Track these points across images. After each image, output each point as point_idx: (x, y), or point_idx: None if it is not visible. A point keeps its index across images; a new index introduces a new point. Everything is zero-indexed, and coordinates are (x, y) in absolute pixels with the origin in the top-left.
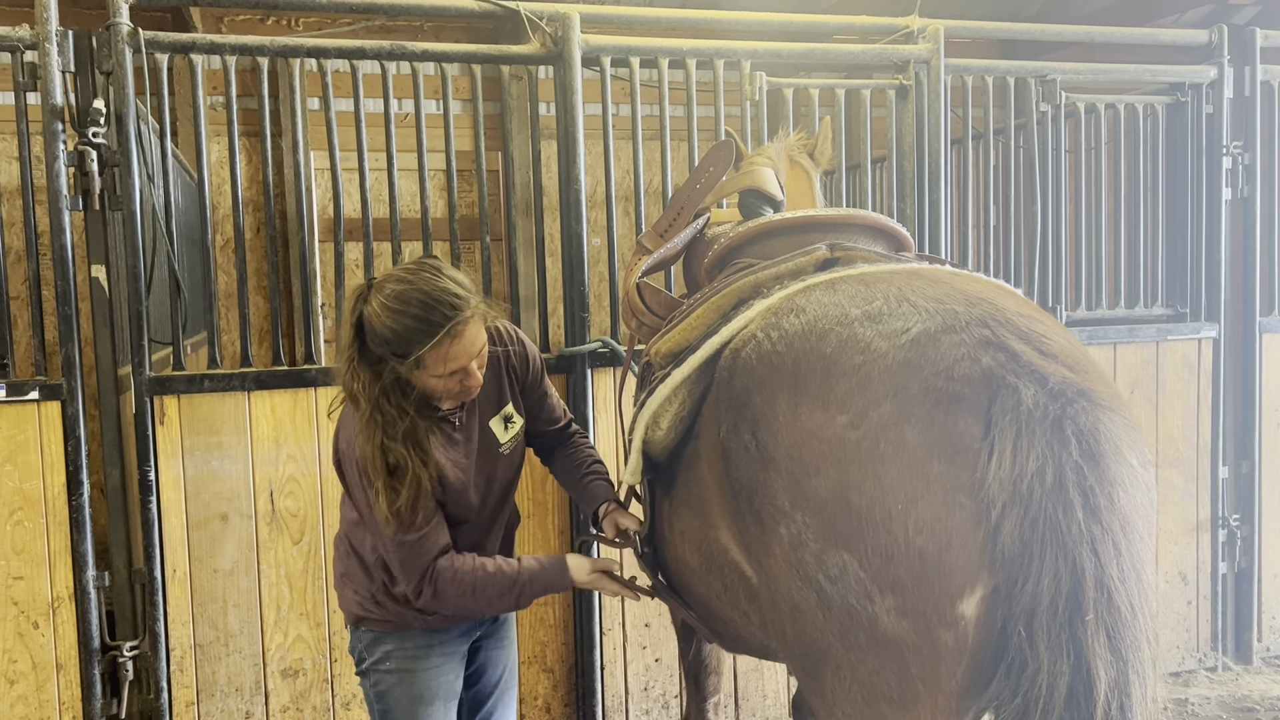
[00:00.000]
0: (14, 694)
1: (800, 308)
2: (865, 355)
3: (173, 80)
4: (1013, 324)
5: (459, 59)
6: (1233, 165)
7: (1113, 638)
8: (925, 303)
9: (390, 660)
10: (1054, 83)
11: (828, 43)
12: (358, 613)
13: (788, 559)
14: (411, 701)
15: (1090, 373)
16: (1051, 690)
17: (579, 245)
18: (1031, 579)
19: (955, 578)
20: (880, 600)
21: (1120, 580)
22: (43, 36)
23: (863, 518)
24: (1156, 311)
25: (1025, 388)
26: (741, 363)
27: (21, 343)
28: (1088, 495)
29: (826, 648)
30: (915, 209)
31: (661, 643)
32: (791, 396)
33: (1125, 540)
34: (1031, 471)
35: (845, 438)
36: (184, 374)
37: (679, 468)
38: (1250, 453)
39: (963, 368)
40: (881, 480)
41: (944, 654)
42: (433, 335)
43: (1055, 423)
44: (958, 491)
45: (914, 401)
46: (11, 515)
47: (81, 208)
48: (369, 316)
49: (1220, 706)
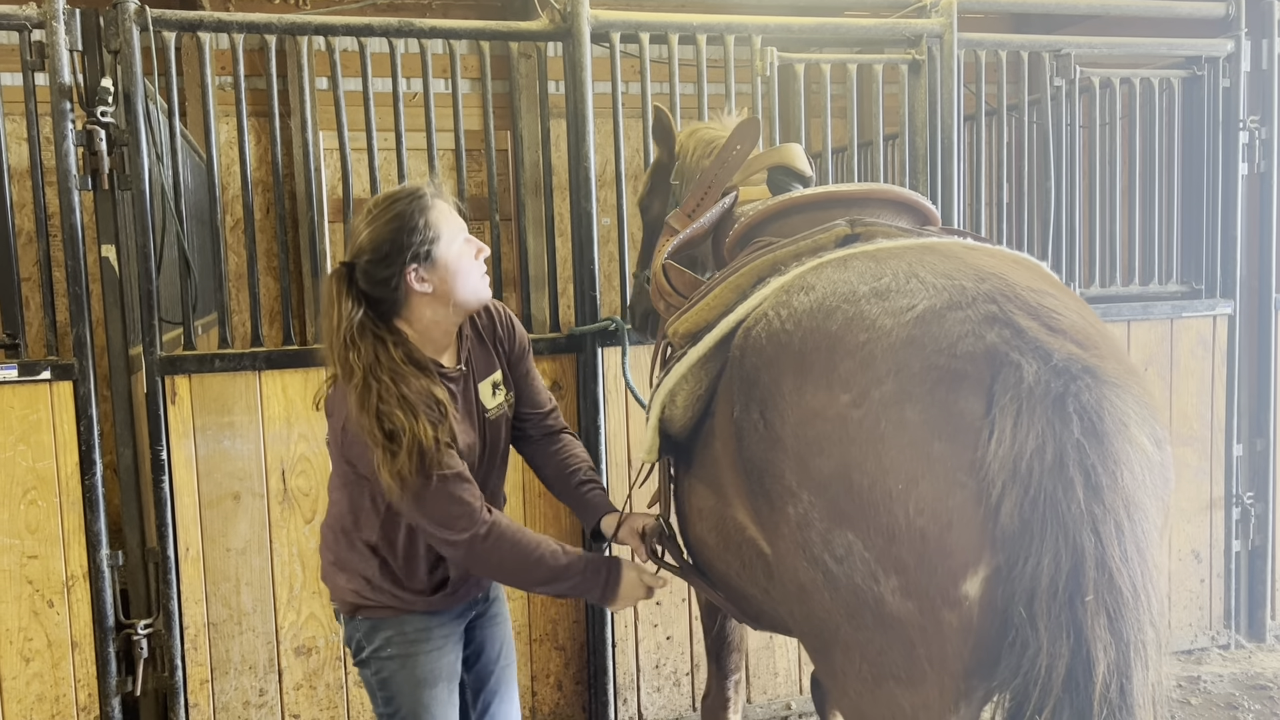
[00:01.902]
0: (30, 671)
1: (810, 285)
2: (870, 333)
3: (180, 60)
4: (1021, 299)
5: (467, 36)
6: (1249, 140)
7: (1113, 619)
8: (934, 278)
9: (391, 646)
10: (1068, 57)
11: (839, 17)
12: (353, 601)
13: (795, 539)
14: (415, 685)
15: (1100, 348)
16: (1050, 671)
17: (588, 224)
18: (1032, 559)
19: (957, 558)
20: (885, 580)
21: (1123, 561)
22: (50, 15)
23: (865, 498)
24: (1171, 288)
25: (1028, 364)
26: (752, 341)
27: (33, 323)
28: (1089, 474)
29: (835, 627)
30: (928, 186)
31: (673, 620)
32: (797, 375)
33: (1129, 520)
34: (1031, 450)
35: (848, 417)
36: (195, 354)
37: (696, 446)
38: (1265, 430)
39: (966, 345)
40: (883, 460)
41: (949, 634)
42: (420, 206)
43: (1057, 400)
44: (959, 471)
45: (915, 380)
46: (25, 495)
47: (91, 188)
48: (359, 265)
49: (1233, 684)
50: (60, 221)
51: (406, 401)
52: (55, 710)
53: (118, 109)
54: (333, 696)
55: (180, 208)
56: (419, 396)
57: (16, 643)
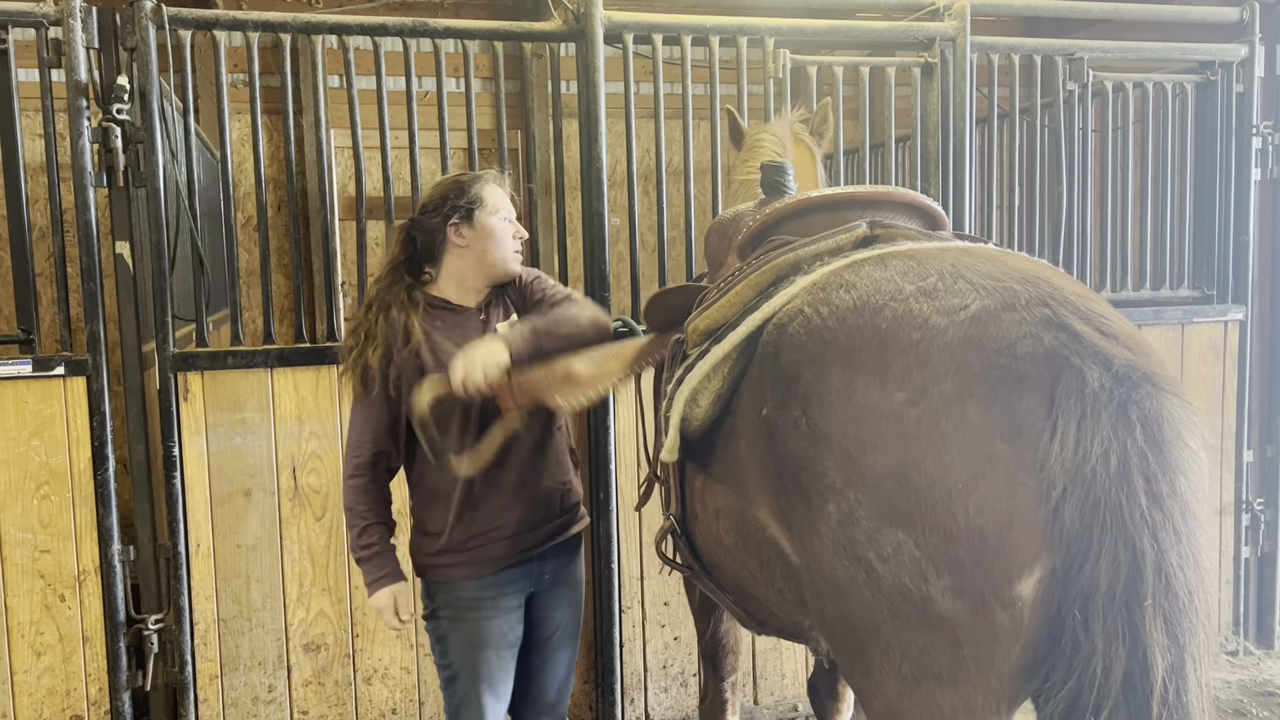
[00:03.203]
0: (41, 665)
1: (849, 283)
2: (923, 331)
3: (194, 58)
4: (1072, 304)
5: (481, 36)
6: (1262, 145)
7: (1170, 623)
8: (981, 280)
9: (446, 609)
10: (1081, 61)
11: (852, 20)
12: (414, 564)
13: (835, 537)
14: (466, 646)
15: (1151, 355)
16: (1107, 674)
17: (600, 224)
18: (1090, 562)
19: (1015, 558)
20: (936, 580)
21: (1179, 566)
22: (67, 12)
23: (922, 496)
24: (1183, 293)
25: (1090, 370)
26: (789, 338)
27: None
28: (1150, 481)
29: (875, 627)
30: (940, 189)
31: (680, 621)
32: (846, 372)
33: (1185, 526)
34: (1096, 455)
35: (904, 414)
36: (207, 350)
37: (715, 445)
38: (1275, 437)
39: (1025, 346)
40: (942, 458)
41: (999, 634)
42: (475, 178)
43: (1120, 407)
44: (1020, 471)
45: (976, 379)
46: (38, 489)
47: (106, 184)
48: (416, 217)
49: (1241, 691)
50: (75, 218)
51: (376, 324)
52: (66, 704)
53: (133, 106)
54: (341, 693)
55: (194, 205)
56: (393, 325)
57: (28, 636)
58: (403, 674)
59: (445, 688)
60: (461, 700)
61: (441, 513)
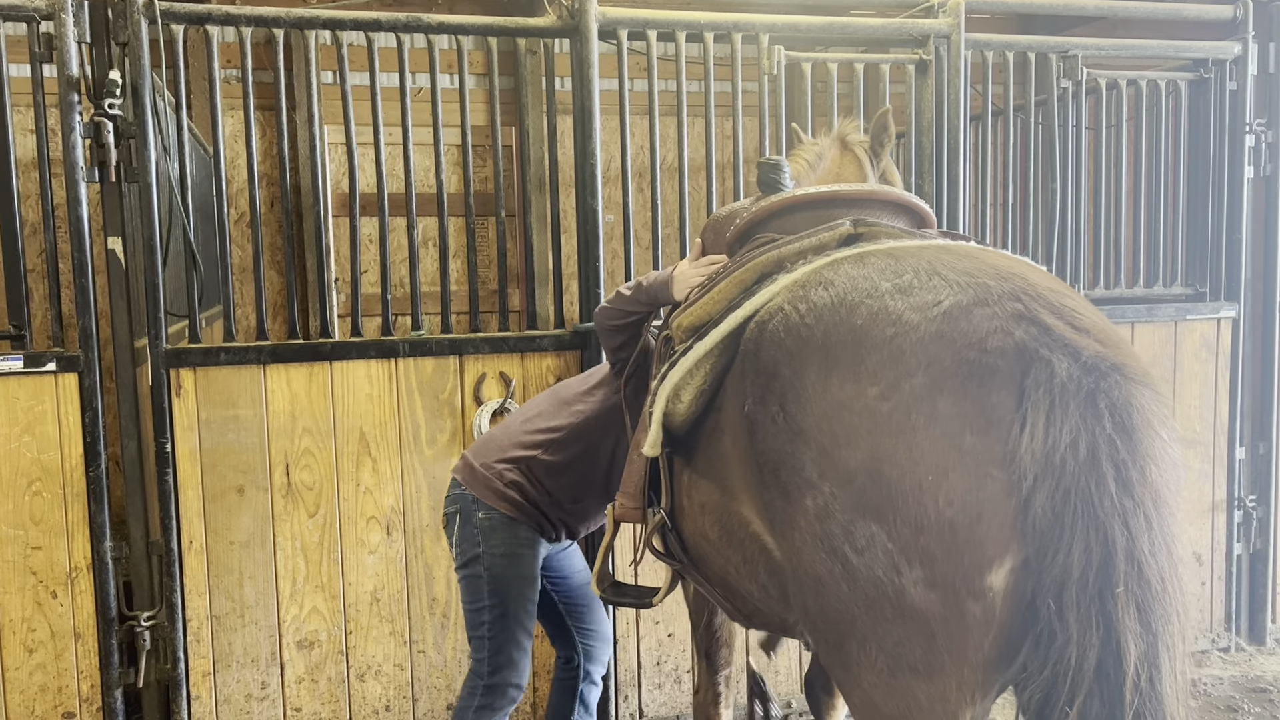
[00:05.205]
0: (33, 662)
1: (828, 280)
2: (897, 327)
3: (187, 53)
4: (1044, 299)
5: (475, 31)
6: (1256, 143)
7: (1143, 610)
8: (956, 276)
9: (500, 547)
10: (1075, 58)
11: (847, 16)
12: (495, 497)
13: (813, 530)
14: (519, 580)
15: (1122, 348)
16: (1081, 662)
17: (594, 221)
18: (1062, 551)
19: (985, 549)
20: (908, 572)
21: (1151, 553)
22: (59, 7)
23: (893, 489)
24: (1176, 291)
25: (1059, 361)
26: (769, 335)
27: (38, 315)
28: (1120, 468)
29: (851, 620)
30: (934, 186)
31: (674, 617)
32: (822, 368)
33: (1157, 514)
34: (1065, 444)
35: (877, 409)
36: (200, 347)
37: (699, 441)
38: (1268, 434)
39: (995, 340)
40: (913, 452)
41: (972, 625)
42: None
43: (1089, 396)
44: (990, 464)
45: (947, 373)
46: (30, 486)
47: (98, 180)
48: None
49: (1233, 687)
50: (67, 213)
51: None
52: (58, 701)
53: (125, 101)
54: (334, 690)
55: (186, 201)
56: None
57: (20, 633)
58: (396, 671)
59: (488, 628)
60: (506, 638)
61: (584, 491)
